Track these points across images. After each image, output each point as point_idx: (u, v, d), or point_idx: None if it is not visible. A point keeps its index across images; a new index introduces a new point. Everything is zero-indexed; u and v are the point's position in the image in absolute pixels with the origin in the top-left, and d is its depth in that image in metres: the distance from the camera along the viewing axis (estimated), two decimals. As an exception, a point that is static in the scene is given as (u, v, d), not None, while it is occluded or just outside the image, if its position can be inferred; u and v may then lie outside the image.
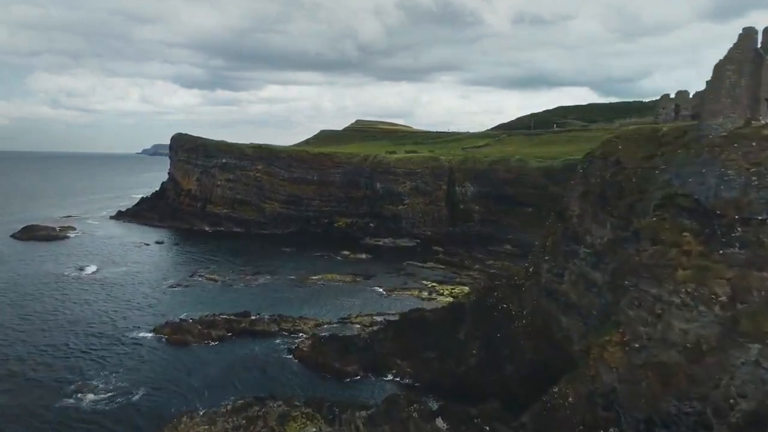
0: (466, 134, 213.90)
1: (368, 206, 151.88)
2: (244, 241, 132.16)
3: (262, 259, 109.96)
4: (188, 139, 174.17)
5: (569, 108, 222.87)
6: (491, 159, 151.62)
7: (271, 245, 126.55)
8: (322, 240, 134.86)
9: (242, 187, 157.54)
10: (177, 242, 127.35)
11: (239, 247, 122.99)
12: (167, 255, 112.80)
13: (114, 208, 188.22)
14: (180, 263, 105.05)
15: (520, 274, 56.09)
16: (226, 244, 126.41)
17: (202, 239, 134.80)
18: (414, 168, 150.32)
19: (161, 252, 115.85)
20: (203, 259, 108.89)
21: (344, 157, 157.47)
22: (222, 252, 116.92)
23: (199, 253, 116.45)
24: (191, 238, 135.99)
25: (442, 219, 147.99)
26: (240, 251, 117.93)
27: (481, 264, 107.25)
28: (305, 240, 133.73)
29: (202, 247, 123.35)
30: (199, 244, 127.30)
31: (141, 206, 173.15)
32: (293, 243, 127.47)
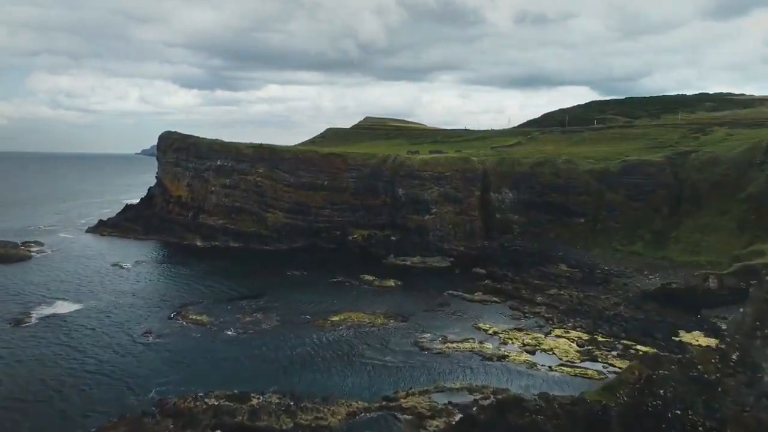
0: (491, 131, 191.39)
1: (388, 216, 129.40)
2: (243, 261, 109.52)
3: (265, 287, 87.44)
4: (178, 137, 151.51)
5: (605, 103, 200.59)
6: (533, 160, 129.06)
7: (275, 266, 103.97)
8: (336, 258, 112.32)
9: (240, 193, 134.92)
10: (161, 262, 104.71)
11: (236, 269, 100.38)
12: (146, 283, 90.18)
13: (97, 216, 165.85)
14: (160, 296, 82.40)
15: (707, 362, 33.23)
16: (221, 265, 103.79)
17: (192, 257, 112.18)
18: (442, 171, 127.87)
19: (139, 278, 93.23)
20: (191, 289, 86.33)
21: (359, 158, 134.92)
22: (215, 276, 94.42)
23: (187, 278, 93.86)
24: (179, 257, 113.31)
25: (476, 231, 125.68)
26: (237, 275, 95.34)
27: (540, 293, 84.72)
28: (316, 259, 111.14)
29: (190, 269, 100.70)
30: (188, 264, 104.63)
31: (125, 215, 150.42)
32: (302, 263, 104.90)
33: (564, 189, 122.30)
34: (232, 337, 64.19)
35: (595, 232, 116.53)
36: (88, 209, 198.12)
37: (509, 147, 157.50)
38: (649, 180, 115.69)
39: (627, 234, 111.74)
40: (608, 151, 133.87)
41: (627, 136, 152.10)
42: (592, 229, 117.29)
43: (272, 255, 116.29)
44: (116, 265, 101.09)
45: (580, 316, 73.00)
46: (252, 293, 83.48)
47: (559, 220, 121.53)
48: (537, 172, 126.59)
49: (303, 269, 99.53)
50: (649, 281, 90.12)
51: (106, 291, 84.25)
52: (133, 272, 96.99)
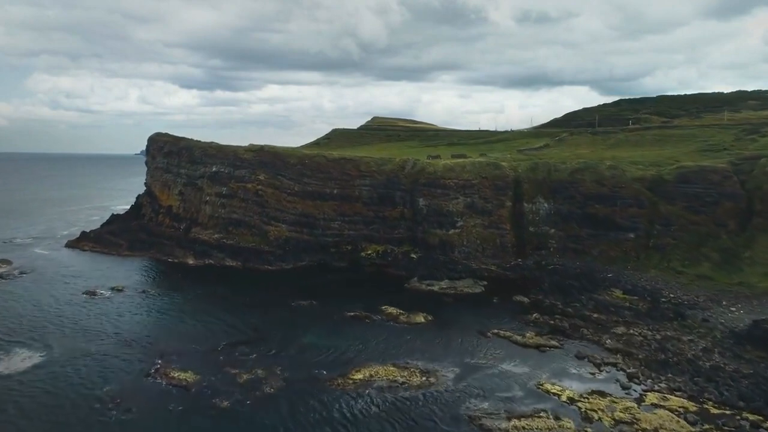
0: (513, 133, 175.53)
1: (407, 229, 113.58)
2: (241, 285, 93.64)
3: (267, 325, 71.74)
4: (168, 140, 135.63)
5: (637, 101, 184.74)
6: (572, 166, 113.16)
7: (278, 292, 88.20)
8: (349, 281, 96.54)
9: (238, 203, 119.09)
10: (144, 289, 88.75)
11: (233, 298, 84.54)
12: (122, 319, 74.35)
13: (81, 226, 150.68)
14: (138, 339, 66.55)
15: None
16: (215, 292, 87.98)
17: (182, 280, 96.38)
18: (468, 178, 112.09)
19: (116, 312, 77.48)
20: (176, 329, 70.61)
21: (373, 163, 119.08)
22: (207, 309, 78.77)
23: (173, 312, 78.14)
24: (167, 280, 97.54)
25: (507, 247, 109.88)
26: (233, 307, 79.55)
27: (605, 332, 68.96)
28: (326, 282, 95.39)
29: (178, 298, 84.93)
30: (176, 290, 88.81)
31: (109, 227, 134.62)
32: (310, 289, 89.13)
33: (610, 199, 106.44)
34: (223, 409, 48.31)
35: (648, 249, 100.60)
36: (75, 217, 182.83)
37: (537, 150, 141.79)
38: (711, 189, 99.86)
39: (688, 253, 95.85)
40: (655, 156, 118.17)
41: (669, 138, 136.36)
42: (644, 246, 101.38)
43: (275, 276, 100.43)
44: (91, 294, 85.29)
45: (671, 371, 57.17)
46: (251, 335, 67.71)
47: (603, 235, 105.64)
48: (577, 179, 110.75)
49: (311, 297, 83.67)
50: (733, 315, 74.31)
51: (74, 332, 68.47)
52: (110, 303, 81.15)
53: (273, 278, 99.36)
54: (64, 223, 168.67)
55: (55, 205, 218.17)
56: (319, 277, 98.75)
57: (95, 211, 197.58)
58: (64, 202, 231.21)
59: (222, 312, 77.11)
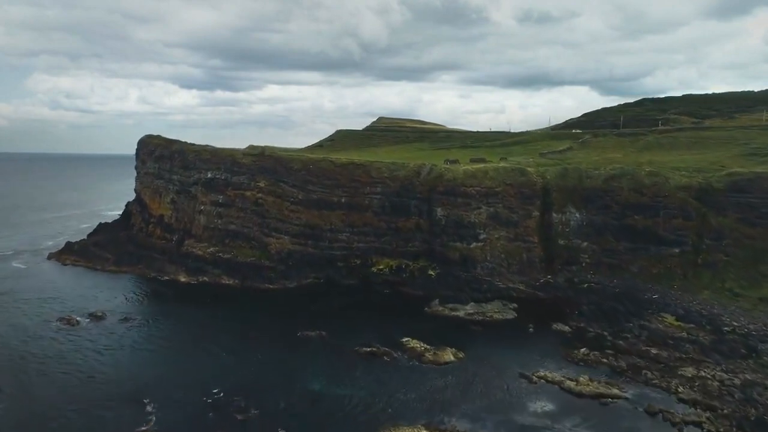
0: (531, 134, 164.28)
1: (423, 242, 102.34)
2: (238, 310, 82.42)
3: (268, 364, 60.61)
4: (160, 142, 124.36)
5: (661, 101, 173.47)
6: (606, 172, 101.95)
7: (281, 321, 77.12)
8: (360, 304, 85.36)
9: (236, 213, 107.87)
10: (128, 315, 77.45)
11: (228, 329, 73.37)
12: (98, 357, 63.23)
13: (69, 235, 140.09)
14: (112, 385, 55.39)
15: None
16: (208, 320, 76.80)
17: (172, 303, 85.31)
18: (492, 186, 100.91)
19: (91, 345, 66.43)
20: (159, 371, 59.40)
21: (385, 168, 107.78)
22: (197, 340, 67.74)
23: (157, 347, 66.93)
24: (154, 303, 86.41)
25: (535, 263, 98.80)
26: (229, 341, 68.38)
27: (672, 374, 57.79)
28: (334, 305, 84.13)
29: (165, 328, 73.69)
30: (164, 318, 77.54)
31: (96, 237, 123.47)
32: (317, 315, 78.09)
33: (651, 209, 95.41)
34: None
35: (697, 267, 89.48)
36: (64, 225, 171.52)
37: (561, 153, 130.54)
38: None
39: (745, 271, 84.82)
40: (697, 160, 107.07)
41: (706, 141, 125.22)
42: (692, 262, 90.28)
43: (276, 297, 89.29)
44: (66, 321, 74.20)
45: (771, 434, 45.97)
46: (249, 379, 56.55)
47: (644, 249, 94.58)
48: (613, 187, 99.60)
49: (319, 326, 72.42)
50: (817, 351, 63.13)
51: (39, 375, 57.63)
52: (86, 335, 69.95)
53: (274, 299, 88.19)
54: (52, 231, 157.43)
55: (45, 211, 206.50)
56: (326, 298, 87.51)
57: (84, 217, 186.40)
58: (56, 208, 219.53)
59: (216, 346, 66.01)
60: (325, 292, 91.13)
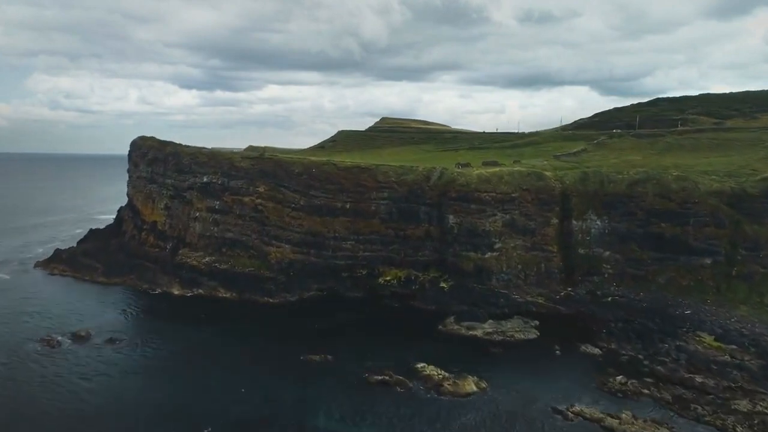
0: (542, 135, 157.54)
1: (434, 251, 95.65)
2: (235, 328, 75.64)
3: (268, 395, 53.86)
4: (153, 144, 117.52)
5: (676, 101, 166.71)
6: (630, 177, 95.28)
7: (282, 341, 70.35)
8: (368, 321, 78.63)
9: (234, 220, 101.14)
10: (114, 335, 70.62)
11: (224, 350, 66.62)
12: (79, 385, 56.57)
13: (60, 241, 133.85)
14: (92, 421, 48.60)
15: None
16: (202, 341, 70.00)
17: (162, 322, 78.53)
18: (507, 191, 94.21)
19: (74, 370, 59.92)
20: (146, 403, 52.65)
21: (392, 172, 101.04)
22: (190, 365, 61.03)
23: (145, 373, 60.24)
24: (144, 320, 79.74)
25: (554, 274, 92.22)
26: (224, 366, 61.66)
27: (726, 410, 51.13)
28: (340, 323, 77.33)
29: (154, 350, 66.93)
30: (154, 338, 70.69)
31: (86, 245, 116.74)
32: (321, 334, 71.56)
33: (679, 216, 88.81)
34: None
35: (731, 279, 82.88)
36: (57, 229, 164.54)
37: (575, 156, 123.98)
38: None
39: (785, 285, 78.14)
40: (725, 164, 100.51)
41: (731, 143, 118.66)
42: (725, 274, 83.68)
43: (277, 313, 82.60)
44: (47, 343, 67.54)
45: None
46: (247, 414, 49.82)
47: (672, 259, 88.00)
48: (637, 192, 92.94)
49: (324, 347, 65.85)
50: None
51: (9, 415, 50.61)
52: (69, 358, 63.27)
53: (275, 315, 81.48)
54: (44, 236, 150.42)
55: (40, 215, 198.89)
56: (330, 314, 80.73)
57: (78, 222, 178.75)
58: (51, 211, 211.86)
59: (210, 373, 59.40)
60: (329, 307, 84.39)
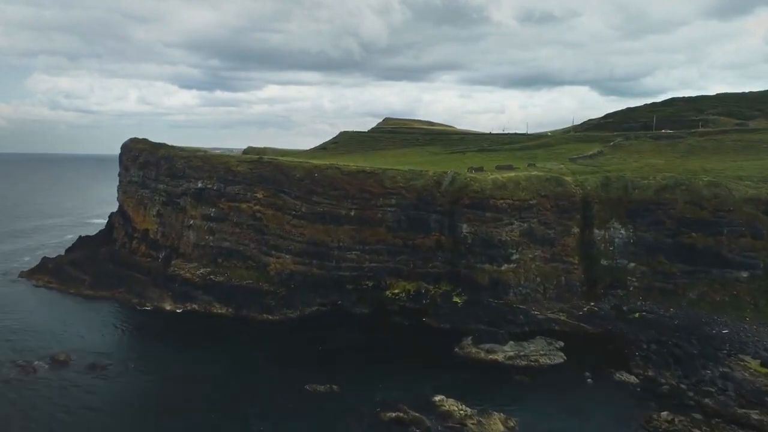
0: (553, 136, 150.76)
1: (446, 263, 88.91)
2: (232, 351, 68.80)
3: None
4: (144, 147, 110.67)
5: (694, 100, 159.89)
6: (657, 182, 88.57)
7: (282, 366, 63.61)
8: (377, 344, 71.75)
9: (230, 229, 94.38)
10: (96, 359, 63.81)
11: (219, 381, 59.79)
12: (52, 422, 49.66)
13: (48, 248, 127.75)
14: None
15: None
16: (193, 367, 63.17)
17: (151, 344, 71.87)
18: (525, 198, 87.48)
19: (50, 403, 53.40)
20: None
21: (400, 177, 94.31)
22: (179, 399, 54.27)
23: (123, 415, 53.32)
24: (130, 342, 73.02)
25: (575, 287, 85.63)
26: (218, 399, 54.85)
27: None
28: (346, 345, 70.52)
29: (140, 379, 60.16)
30: (138, 366, 63.73)
31: (74, 254, 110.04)
32: (325, 358, 64.81)
33: (712, 226, 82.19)
34: None
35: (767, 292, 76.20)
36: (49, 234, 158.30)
37: (592, 158, 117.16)
38: None
39: (833, 302, 71.49)
40: (758, 168, 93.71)
41: (758, 144, 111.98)
42: (764, 289, 77.11)
43: (277, 332, 75.86)
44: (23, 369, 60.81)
45: None
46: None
47: (704, 272, 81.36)
48: (665, 199, 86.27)
49: (329, 375, 59.20)
50: None
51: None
52: (45, 389, 56.56)
53: (275, 334, 74.74)
54: (34, 242, 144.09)
55: (33, 219, 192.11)
56: (335, 333, 73.98)
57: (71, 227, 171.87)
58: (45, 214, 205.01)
59: (202, 406, 52.63)
60: (334, 325, 77.67)
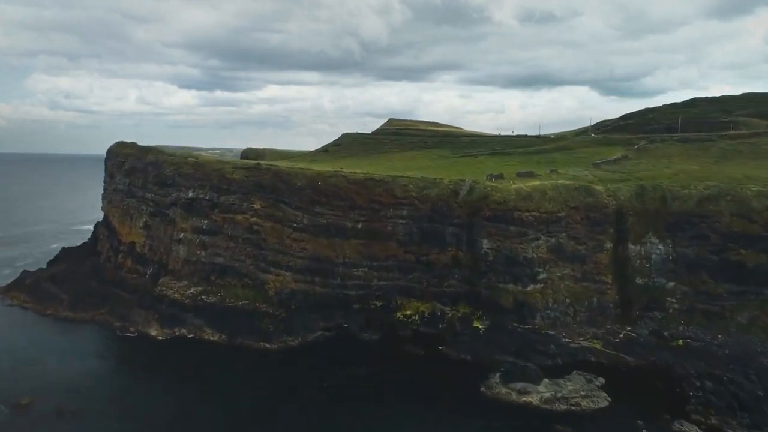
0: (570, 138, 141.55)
1: (464, 281, 79.82)
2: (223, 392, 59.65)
3: None
4: (131, 152, 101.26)
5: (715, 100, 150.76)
6: (700, 192, 79.50)
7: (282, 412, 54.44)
8: (389, 381, 62.64)
9: (224, 243, 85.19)
10: (63, 403, 54.73)
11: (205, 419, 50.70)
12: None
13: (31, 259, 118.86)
14: None
15: None
16: (178, 415, 54.03)
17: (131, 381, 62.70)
18: (553, 210, 78.36)
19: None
20: None
21: (413, 186, 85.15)
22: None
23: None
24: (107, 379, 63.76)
25: (608, 309, 76.63)
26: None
27: None
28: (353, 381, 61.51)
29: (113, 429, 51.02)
30: (113, 413, 54.64)
31: (55, 268, 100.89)
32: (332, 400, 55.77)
33: (764, 241, 73.26)
34: None
35: (835, 321, 67.25)
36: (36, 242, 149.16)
37: (616, 163, 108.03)
38: None
39: None
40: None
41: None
42: (827, 314, 68.04)
43: (276, 365, 66.79)
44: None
45: None
46: None
47: (756, 293, 72.58)
48: (709, 211, 77.28)
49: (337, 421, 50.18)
50: None
51: None
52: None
53: (273, 369, 65.65)
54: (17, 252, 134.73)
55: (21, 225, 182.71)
56: (341, 366, 64.98)
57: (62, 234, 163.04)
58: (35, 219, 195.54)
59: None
60: (339, 354, 68.66)
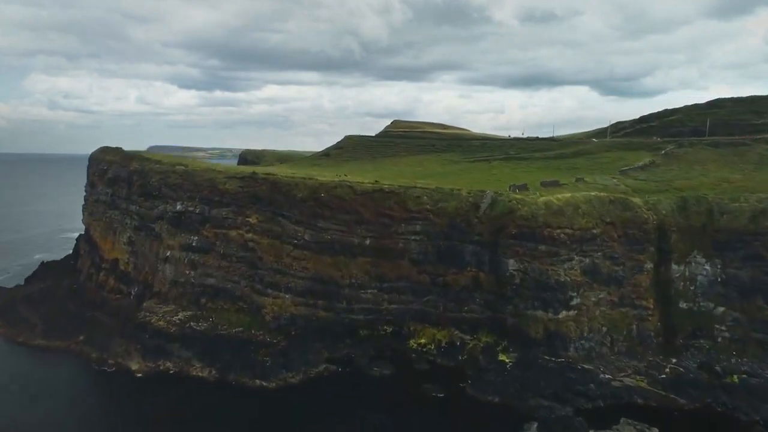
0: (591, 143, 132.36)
1: (486, 306, 70.76)
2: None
3: None
4: (114, 159, 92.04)
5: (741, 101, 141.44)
6: (752, 205, 70.44)
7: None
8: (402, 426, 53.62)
9: (216, 262, 76.03)
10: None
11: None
12: None
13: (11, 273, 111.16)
14: None
15: None
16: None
17: (106, 424, 53.53)
18: (587, 226, 69.25)
19: None
20: None
21: (427, 198, 75.98)
22: None
23: None
24: (81, 422, 54.61)
25: (649, 339, 67.78)
26: None
27: None
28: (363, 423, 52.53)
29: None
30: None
31: (32, 287, 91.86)
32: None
33: (830, 264, 64.20)
34: None
35: None
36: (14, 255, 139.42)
37: (644, 170, 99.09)
38: None
39: None
40: None
41: None
42: None
43: (273, 410, 57.72)
44: None
45: None
46: None
47: (820, 322, 63.35)
48: (764, 227, 68.31)
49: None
50: None
51: None
52: None
53: (270, 414, 56.56)
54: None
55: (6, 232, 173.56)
56: (349, 411, 56.01)
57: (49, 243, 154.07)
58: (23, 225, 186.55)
59: None
60: (347, 396, 59.61)
